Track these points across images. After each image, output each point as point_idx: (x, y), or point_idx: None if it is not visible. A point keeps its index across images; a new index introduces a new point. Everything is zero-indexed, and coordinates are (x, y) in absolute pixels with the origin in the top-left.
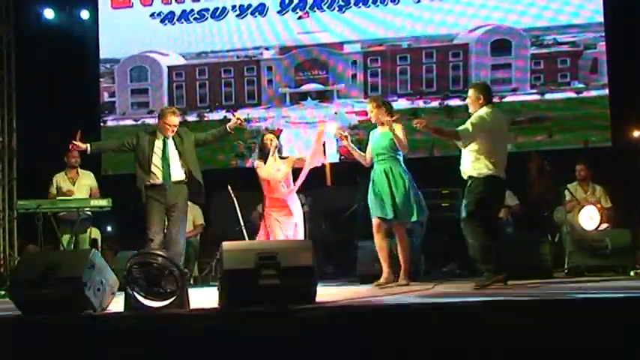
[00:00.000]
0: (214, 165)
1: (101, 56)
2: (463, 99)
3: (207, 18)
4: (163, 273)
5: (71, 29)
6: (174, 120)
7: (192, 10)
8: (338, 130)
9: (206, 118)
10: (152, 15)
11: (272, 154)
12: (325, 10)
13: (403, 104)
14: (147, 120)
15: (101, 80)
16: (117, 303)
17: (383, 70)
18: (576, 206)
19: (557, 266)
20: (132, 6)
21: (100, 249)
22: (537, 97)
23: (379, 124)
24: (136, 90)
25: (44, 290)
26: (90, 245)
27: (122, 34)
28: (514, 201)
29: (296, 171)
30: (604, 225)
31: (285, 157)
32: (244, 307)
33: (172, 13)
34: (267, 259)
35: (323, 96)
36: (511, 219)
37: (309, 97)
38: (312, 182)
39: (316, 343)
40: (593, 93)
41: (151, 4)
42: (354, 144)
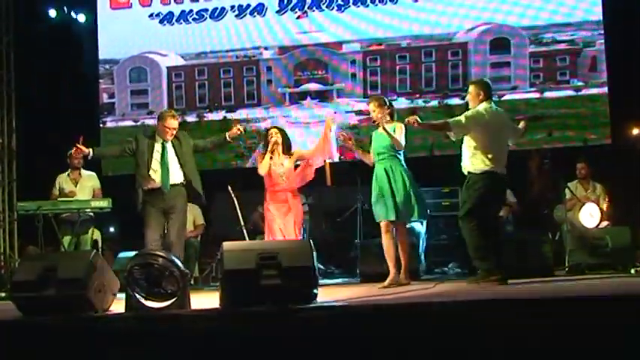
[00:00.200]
0: (214, 165)
1: (100, 57)
2: (462, 97)
3: (206, 18)
4: (164, 274)
5: (70, 30)
6: (173, 123)
7: (191, 11)
8: (341, 134)
9: (206, 119)
10: (151, 15)
11: (269, 149)
12: (324, 10)
13: (403, 103)
14: (146, 121)
15: (100, 81)
16: (118, 304)
17: (382, 69)
18: (577, 204)
19: (557, 264)
20: (131, 7)
21: (101, 250)
22: (537, 96)
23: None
24: (136, 91)
25: (45, 292)
26: (91, 246)
27: (121, 35)
28: (513, 198)
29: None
30: (604, 223)
31: (290, 153)
32: (245, 308)
33: (171, 14)
34: (268, 259)
35: (323, 95)
36: (511, 217)
37: (308, 97)
38: (312, 182)
39: (318, 343)
40: (592, 91)
41: (150, 5)
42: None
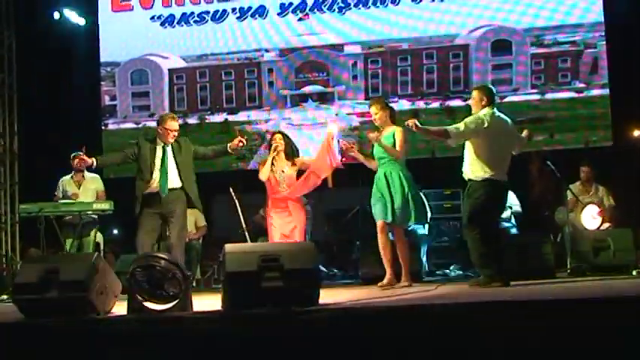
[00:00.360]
0: (215, 168)
1: (102, 59)
2: (464, 99)
3: (207, 21)
4: (166, 276)
5: (72, 33)
6: (174, 125)
7: (192, 13)
8: (344, 143)
9: (207, 121)
10: (152, 18)
11: (270, 155)
12: (325, 12)
13: (404, 105)
14: (148, 123)
15: (102, 83)
16: (120, 306)
17: (383, 72)
18: (578, 206)
19: (559, 266)
20: (132, 9)
21: (103, 252)
22: (538, 97)
23: (384, 127)
24: (137, 93)
25: (47, 294)
26: (93, 249)
27: (123, 37)
28: (518, 208)
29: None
30: (606, 225)
31: (293, 160)
32: (247, 310)
33: (172, 16)
34: (269, 262)
35: (324, 98)
36: (513, 219)
37: (309, 99)
38: None
39: (319, 345)
40: (593, 92)
41: (152, 7)
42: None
